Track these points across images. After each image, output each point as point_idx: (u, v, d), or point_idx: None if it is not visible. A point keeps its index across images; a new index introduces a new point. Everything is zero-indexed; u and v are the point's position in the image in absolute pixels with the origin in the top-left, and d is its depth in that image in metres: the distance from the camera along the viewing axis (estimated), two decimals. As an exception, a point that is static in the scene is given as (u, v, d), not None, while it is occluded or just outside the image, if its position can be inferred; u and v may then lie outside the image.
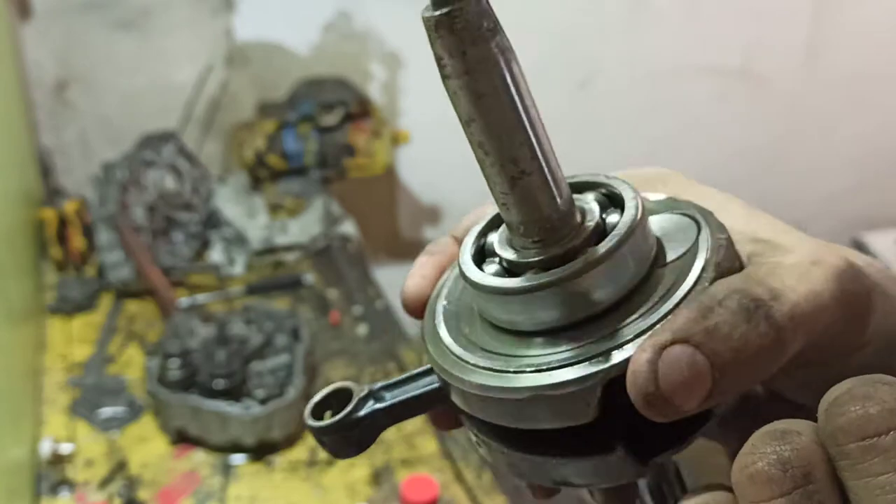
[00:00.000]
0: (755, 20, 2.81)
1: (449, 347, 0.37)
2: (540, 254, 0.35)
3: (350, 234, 2.27)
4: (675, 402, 0.32)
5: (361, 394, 0.39)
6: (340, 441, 0.38)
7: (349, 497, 1.51)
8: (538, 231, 0.35)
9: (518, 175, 0.34)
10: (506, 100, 0.32)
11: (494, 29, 0.31)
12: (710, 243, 0.35)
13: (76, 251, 2.08)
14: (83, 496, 1.50)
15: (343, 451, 0.39)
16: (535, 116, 0.33)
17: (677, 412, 0.32)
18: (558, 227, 0.35)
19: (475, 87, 0.32)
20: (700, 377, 0.32)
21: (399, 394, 0.39)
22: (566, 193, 0.35)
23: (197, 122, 2.43)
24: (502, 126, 0.33)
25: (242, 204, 2.29)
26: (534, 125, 0.33)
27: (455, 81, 0.32)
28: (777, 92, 2.93)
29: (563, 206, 0.35)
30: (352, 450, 0.39)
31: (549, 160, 0.34)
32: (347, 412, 0.38)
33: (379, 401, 0.39)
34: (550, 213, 0.35)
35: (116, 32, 2.33)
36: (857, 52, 2.91)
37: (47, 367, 1.80)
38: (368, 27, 2.48)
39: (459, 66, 0.31)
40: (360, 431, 0.38)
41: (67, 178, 2.34)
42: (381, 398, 0.39)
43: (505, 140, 0.33)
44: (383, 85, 2.58)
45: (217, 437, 1.59)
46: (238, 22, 2.42)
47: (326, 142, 2.34)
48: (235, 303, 1.99)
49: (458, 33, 0.30)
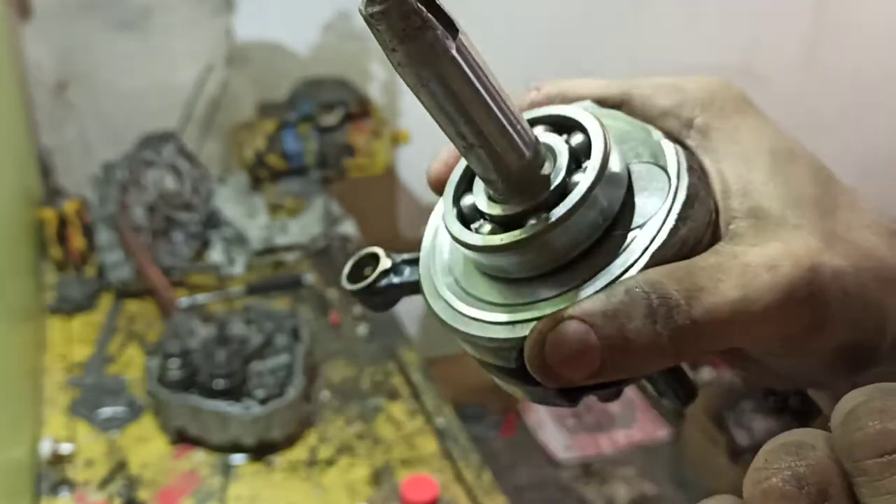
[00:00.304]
0: (755, 20, 2.81)
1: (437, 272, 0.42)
2: (509, 206, 0.37)
3: (350, 234, 2.27)
4: (561, 373, 0.34)
5: (385, 266, 0.44)
6: (366, 302, 0.45)
7: (349, 497, 1.51)
8: (502, 185, 0.37)
9: (467, 146, 0.36)
10: (441, 89, 0.33)
11: (422, 27, 0.32)
12: (670, 224, 0.36)
13: (76, 251, 2.08)
14: (83, 496, 1.50)
15: (374, 308, 0.45)
16: (482, 90, 0.34)
17: (565, 382, 0.35)
18: (521, 181, 0.37)
19: (410, 78, 0.33)
20: (587, 355, 0.34)
21: (414, 273, 0.44)
22: (529, 144, 0.37)
23: (197, 122, 2.43)
24: (441, 110, 0.34)
25: (242, 204, 2.29)
26: (481, 100, 0.34)
27: (395, 58, 0.33)
28: (777, 92, 2.93)
29: (522, 161, 0.37)
30: (381, 306, 0.45)
31: (500, 130, 0.35)
32: (368, 283, 0.44)
33: (398, 274, 0.44)
34: (507, 174, 0.36)
35: (116, 32, 2.33)
36: (857, 51, 2.91)
37: (47, 367, 1.80)
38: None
39: (394, 59, 0.33)
40: (382, 299, 0.44)
41: (67, 178, 2.34)
42: (400, 272, 0.44)
43: (447, 120, 0.35)
44: (383, 85, 2.58)
45: (217, 437, 1.59)
46: (238, 22, 2.42)
47: (326, 142, 2.34)
48: (235, 303, 1.99)
49: (385, 32, 0.33)
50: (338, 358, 1.85)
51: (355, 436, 1.65)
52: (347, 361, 1.84)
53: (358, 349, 1.88)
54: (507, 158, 0.36)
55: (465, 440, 1.62)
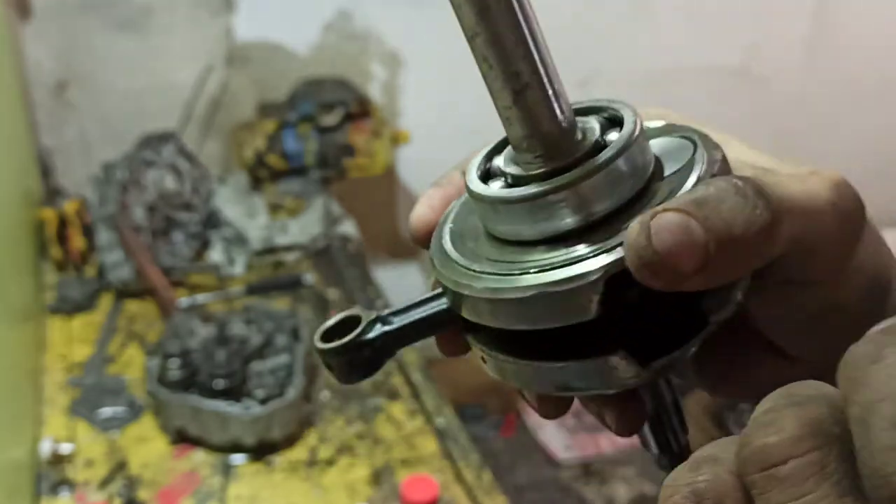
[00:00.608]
0: (755, 20, 2.81)
1: (456, 261, 0.39)
2: (542, 167, 0.36)
3: (350, 234, 2.27)
4: (672, 263, 0.32)
5: (370, 318, 0.40)
6: (348, 364, 0.39)
7: (349, 497, 1.51)
8: (540, 146, 0.36)
9: (521, 88, 0.35)
10: (509, 13, 0.34)
11: None
12: (706, 159, 0.37)
13: (76, 251, 2.08)
14: (83, 496, 1.50)
15: (350, 375, 0.40)
16: (536, 31, 0.35)
17: (676, 277, 0.32)
18: (560, 142, 0.36)
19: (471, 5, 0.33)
20: (693, 239, 0.32)
21: (407, 318, 0.40)
22: (567, 110, 0.37)
23: (197, 122, 2.43)
24: (506, 39, 0.34)
25: (242, 204, 2.29)
26: (536, 39, 0.35)
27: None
28: (777, 92, 2.94)
29: (564, 122, 0.36)
30: (358, 373, 0.39)
31: (550, 74, 0.36)
32: (357, 333, 0.39)
33: (387, 324, 0.40)
34: (552, 127, 0.36)
35: (116, 32, 2.34)
36: (857, 51, 2.91)
37: (47, 367, 1.80)
38: (368, 27, 2.48)
39: None
40: (369, 353, 0.39)
41: (67, 178, 2.34)
42: (389, 322, 0.40)
43: (508, 53, 0.34)
44: (383, 85, 2.58)
45: (217, 437, 1.59)
46: (238, 22, 2.42)
47: (326, 142, 2.34)
48: (235, 303, 1.99)
49: None
50: (338, 358, 1.85)
51: (355, 436, 1.65)
52: (347, 361, 1.84)
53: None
54: (561, 103, 0.36)
55: (465, 440, 1.62)
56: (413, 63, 2.55)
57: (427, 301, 0.40)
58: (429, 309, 0.40)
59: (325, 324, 0.40)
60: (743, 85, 2.90)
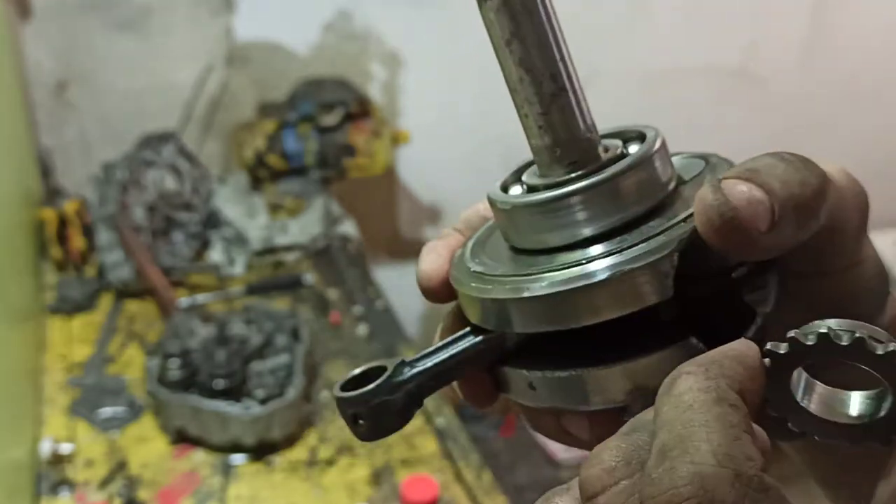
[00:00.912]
0: (753, 20, 2.81)
1: (496, 277, 0.37)
2: (572, 173, 0.37)
3: (350, 234, 2.27)
4: (746, 221, 0.33)
5: (395, 363, 0.37)
6: (377, 412, 0.36)
7: (349, 497, 1.51)
8: (570, 153, 0.37)
9: (556, 91, 0.36)
10: (543, 17, 0.35)
11: None
12: (725, 164, 0.38)
13: (76, 251, 2.08)
14: (83, 496, 1.50)
15: (379, 425, 0.36)
16: (561, 37, 0.36)
17: (749, 237, 0.33)
18: (587, 151, 0.37)
19: (517, 4, 0.35)
20: (761, 198, 0.33)
21: (436, 358, 0.38)
22: (591, 118, 0.38)
23: (197, 122, 2.43)
24: (541, 42, 0.35)
25: (242, 204, 2.29)
26: (563, 44, 0.36)
27: (495, 2, 0.35)
28: (776, 92, 2.94)
29: (591, 129, 0.37)
30: (388, 423, 0.36)
31: (577, 81, 0.37)
32: (387, 376, 0.37)
33: (416, 367, 0.38)
34: (581, 133, 0.37)
35: (116, 32, 2.34)
36: (854, 52, 2.91)
37: (47, 367, 1.80)
38: (368, 27, 2.48)
39: None
40: (401, 398, 0.37)
41: (67, 178, 2.34)
42: (416, 365, 0.38)
43: (545, 55, 0.36)
44: (383, 85, 2.58)
45: (217, 437, 1.59)
46: (238, 22, 2.42)
47: (326, 142, 2.34)
48: (235, 303, 1.99)
49: None
50: (338, 358, 1.85)
51: (355, 436, 1.65)
52: (347, 361, 1.84)
53: (358, 349, 1.88)
54: (585, 114, 0.37)
55: (465, 440, 1.62)
56: (413, 63, 2.55)
57: (452, 342, 0.38)
58: (458, 346, 0.38)
59: (347, 375, 0.38)
60: (741, 85, 2.90)
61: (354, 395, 0.36)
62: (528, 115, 0.37)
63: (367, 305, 2.02)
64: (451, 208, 2.74)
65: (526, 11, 0.35)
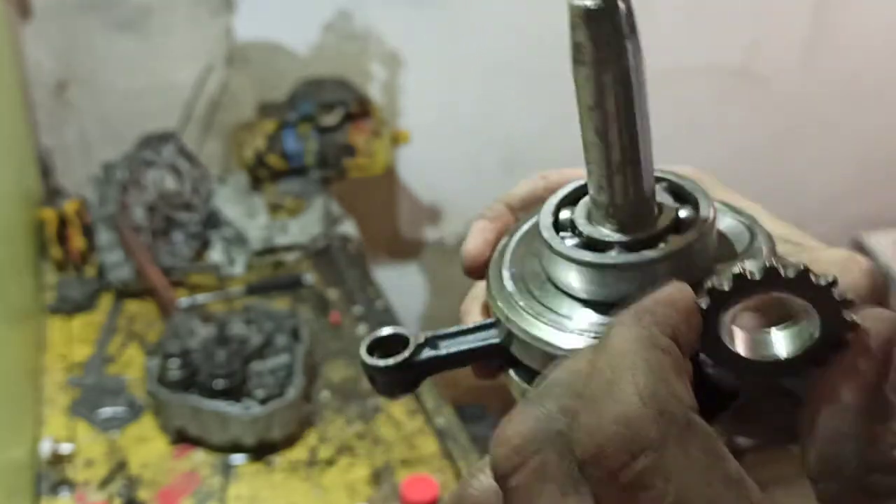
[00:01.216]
0: (755, 20, 2.81)
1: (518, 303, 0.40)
2: (626, 235, 0.38)
3: (350, 234, 2.27)
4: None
5: (419, 341, 0.41)
6: (392, 382, 0.41)
7: (349, 497, 1.51)
8: (628, 215, 0.38)
9: (625, 162, 0.37)
10: (629, 94, 0.35)
11: (633, 28, 0.34)
12: (766, 246, 0.40)
13: (76, 251, 2.08)
14: (83, 496, 1.50)
15: (392, 392, 0.42)
16: (646, 110, 0.37)
17: None
18: (643, 214, 0.38)
19: (606, 77, 0.35)
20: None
21: (454, 345, 0.41)
22: (653, 184, 0.39)
23: (197, 122, 2.43)
24: (621, 117, 0.36)
25: (242, 204, 2.29)
26: (644, 119, 0.37)
27: (587, 69, 0.35)
28: (777, 92, 2.93)
29: (649, 195, 0.38)
30: (400, 391, 0.42)
31: (649, 152, 0.37)
32: (407, 356, 0.41)
33: (435, 349, 0.41)
34: (641, 200, 0.38)
35: (116, 32, 2.33)
36: (856, 52, 2.90)
37: (47, 367, 1.80)
38: (368, 27, 2.48)
39: (597, 56, 0.34)
40: (413, 375, 0.41)
41: (67, 178, 2.34)
42: (437, 346, 0.41)
43: (623, 130, 0.36)
44: (383, 85, 2.58)
45: (217, 437, 1.59)
46: (238, 22, 2.42)
47: (326, 142, 2.34)
48: (235, 303, 1.99)
49: (606, 27, 0.34)
50: (338, 358, 1.85)
51: (355, 436, 1.65)
52: (347, 361, 1.84)
53: (358, 349, 1.88)
54: (650, 179, 0.38)
55: (465, 440, 1.62)
56: (413, 63, 2.55)
57: (478, 329, 0.41)
58: (479, 340, 0.41)
59: (372, 336, 0.42)
60: (743, 84, 2.89)
61: (374, 364, 0.41)
62: (593, 172, 0.38)
63: (367, 305, 2.01)
64: (451, 208, 2.74)
65: (615, 84, 0.35)
